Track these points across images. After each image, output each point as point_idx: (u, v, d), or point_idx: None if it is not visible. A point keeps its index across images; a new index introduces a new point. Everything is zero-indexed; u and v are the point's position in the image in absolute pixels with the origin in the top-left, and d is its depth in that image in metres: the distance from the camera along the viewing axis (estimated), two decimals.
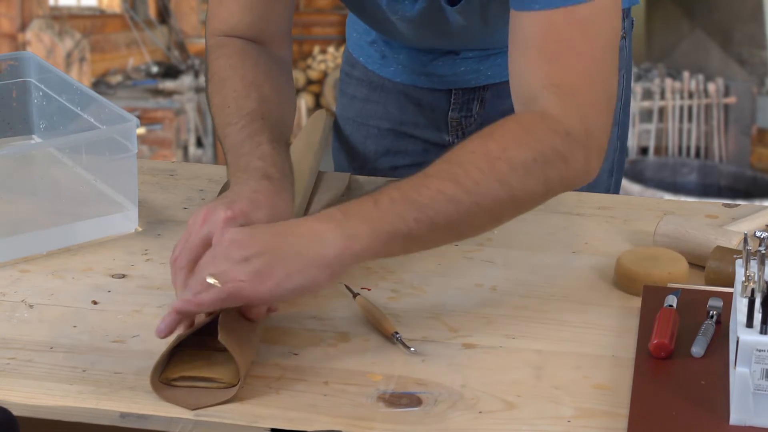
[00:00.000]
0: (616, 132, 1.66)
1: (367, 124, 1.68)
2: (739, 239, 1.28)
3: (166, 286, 1.27)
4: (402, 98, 1.65)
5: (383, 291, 1.26)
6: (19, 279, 1.29)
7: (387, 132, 1.67)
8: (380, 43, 1.63)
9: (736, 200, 5.77)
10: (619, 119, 1.66)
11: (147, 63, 7.64)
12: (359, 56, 1.67)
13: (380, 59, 1.64)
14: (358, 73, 1.69)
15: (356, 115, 1.69)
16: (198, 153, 7.28)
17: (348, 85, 1.71)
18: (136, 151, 1.37)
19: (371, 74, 1.67)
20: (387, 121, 1.67)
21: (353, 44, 1.68)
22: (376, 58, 1.65)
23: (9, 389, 1.08)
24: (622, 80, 1.64)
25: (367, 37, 1.64)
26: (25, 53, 1.59)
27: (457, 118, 1.64)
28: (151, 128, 6.85)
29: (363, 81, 1.68)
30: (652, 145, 7.05)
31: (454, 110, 1.63)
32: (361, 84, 1.68)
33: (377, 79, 1.66)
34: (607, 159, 1.64)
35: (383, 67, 1.64)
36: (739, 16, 7.11)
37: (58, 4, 7.56)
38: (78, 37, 7.12)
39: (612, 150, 1.67)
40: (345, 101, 1.72)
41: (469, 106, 1.63)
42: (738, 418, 0.99)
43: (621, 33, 1.59)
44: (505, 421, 1.03)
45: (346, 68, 1.72)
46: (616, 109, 1.62)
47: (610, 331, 1.17)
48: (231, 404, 1.05)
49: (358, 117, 1.69)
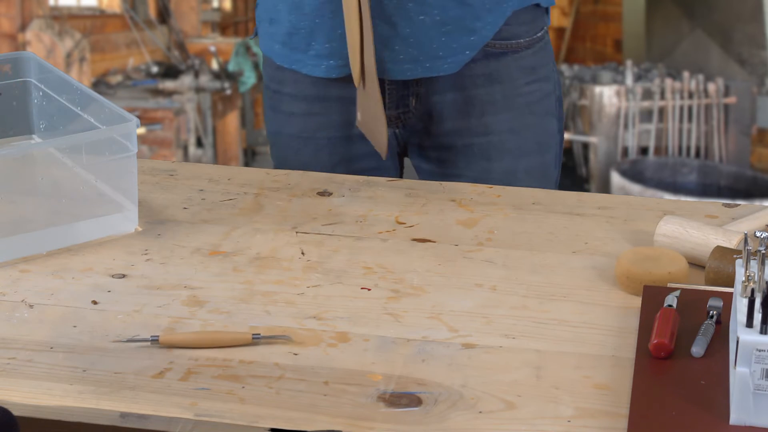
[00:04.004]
0: (557, 125, 1.68)
1: (315, 137, 1.68)
2: (739, 239, 1.28)
3: (166, 286, 1.27)
4: (341, 104, 1.65)
5: (383, 291, 1.26)
6: (19, 279, 1.29)
7: (338, 140, 1.67)
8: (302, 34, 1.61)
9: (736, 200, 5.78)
10: (557, 112, 1.68)
11: (147, 63, 7.65)
12: (290, 64, 1.65)
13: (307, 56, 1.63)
14: (290, 89, 1.68)
15: (300, 131, 1.69)
16: (198, 153, 7.29)
17: (281, 102, 1.70)
18: (136, 151, 1.37)
19: (304, 86, 1.66)
20: (336, 129, 1.67)
21: (278, 55, 1.67)
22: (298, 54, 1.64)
23: (9, 389, 1.08)
24: (552, 73, 1.67)
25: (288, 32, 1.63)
26: (25, 53, 1.59)
27: (395, 114, 1.64)
28: (151, 128, 6.86)
29: (297, 96, 1.67)
30: (652, 145, 7.06)
31: (390, 108, 1.63)
32: (296, 99, 1.68)
33: (312, 91, 1.66)
34: (550, 150, 1.67)
35: (315, 66, 1.63)
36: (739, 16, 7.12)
37: (58, 4, 7.57)
38: (78, 37, 7.13)
39: (555, 142, 1.69)
40: (282, 118, 1.71)
41: (405, 102, 1.63)
42: (738, 418, 0.99)
43: (545, 28, 1.64)
44: (505, 421, 1.03)
45: (274, 86, 1.70)
46: (552, 100, 1.66)
47: (610, 331, 1.17)
48: (231, 404, 1.05)
49: (302, 132, 1.69)
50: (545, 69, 1.67)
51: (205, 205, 1.49)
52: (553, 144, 1.69)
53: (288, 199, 1.50)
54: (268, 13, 1.66)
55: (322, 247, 1.36)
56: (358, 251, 1.35)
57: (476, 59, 1.60)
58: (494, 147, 1.63)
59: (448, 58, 1.58)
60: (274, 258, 1.34)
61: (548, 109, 1.67)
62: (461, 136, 1.64)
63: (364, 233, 1.40)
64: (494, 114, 1.63)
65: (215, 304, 1.23)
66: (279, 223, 1.43)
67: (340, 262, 1.32)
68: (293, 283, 1.27)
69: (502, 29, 1.60)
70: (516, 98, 1.64)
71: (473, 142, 1.64)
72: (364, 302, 1.23)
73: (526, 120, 1.65)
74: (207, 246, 1.37)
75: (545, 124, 1.67)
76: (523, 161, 1.65)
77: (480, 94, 1.62)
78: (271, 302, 1.23)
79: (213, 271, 1.30)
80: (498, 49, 1.61)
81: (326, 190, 1.53)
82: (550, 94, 1.68)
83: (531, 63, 1.65)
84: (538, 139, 1.67)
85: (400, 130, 1.67)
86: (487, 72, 1.62)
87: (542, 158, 1.68)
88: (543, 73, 1.66)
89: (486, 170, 1.64)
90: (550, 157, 1.69)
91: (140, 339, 1.15)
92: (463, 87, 1.62)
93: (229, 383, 1.08)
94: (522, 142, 1.65)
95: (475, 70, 1.61)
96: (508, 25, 1.60)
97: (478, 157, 1.64)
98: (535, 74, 1.65)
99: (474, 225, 1.42)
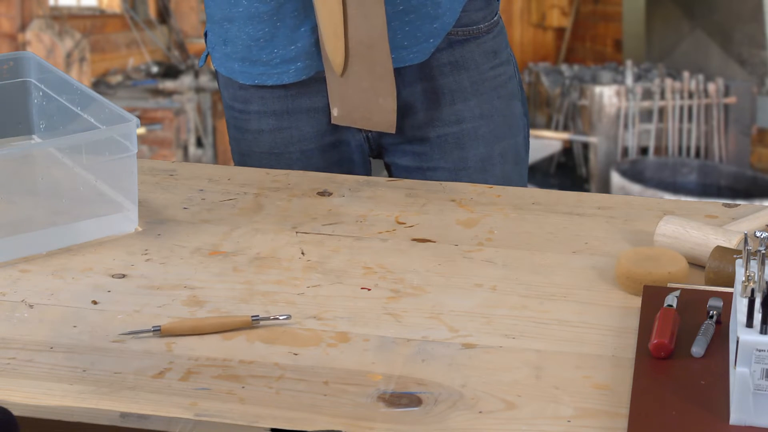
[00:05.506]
0: (521, 106, 1.71)
1: (287, 152, 1.67)
2: (739, 239, 1.28)
3: (166, 286, 1.27)
4: (310, 115, 1.65)
5: (383, 291, 1.26)
6: (19, 279, 1.29)
7: (312, 152, 1.67)
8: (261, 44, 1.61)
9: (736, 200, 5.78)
10: (520, 95, 1.71)
11: (147, 63, 7.65)
12: (253, 80, 1.64)
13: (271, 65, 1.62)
14: (256, 106, 1.67)
15: (271, 147, 1.68)
16: (198, 153, 7.28)
17: (248, 121, 1.69)
18: (136, 151, 1.37)
19: (270, 101, 1.65)
20: (308, 142, 1.67)
21: (239, 74, 1.65)
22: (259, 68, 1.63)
23: (9, 389, 1.08)
24: (511, 56, 1.68)
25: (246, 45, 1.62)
26: (25, 53, 1.59)
27: None
28: (151, 128, 6.85)
29: (266, 113, 1.66)
30: (652, 145, 7.05)
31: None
32: (265, 116, 1.67)
33: (279, 105, 1.65)
34: (519, 132, 1.68)
35: (282, 73, 1.62)
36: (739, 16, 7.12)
37: (58, 4, 7.57)
38: (78, 37, 7.13)
39: (523, 124, 1.72)
40: (250, 137, 1.69)
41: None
42: (738, 418, 0.99)
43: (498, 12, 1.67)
44: (505, 421, 1.03)
45: (238, 105, 1.69)
46: (515, 83, 1.66)
47: (610, 331, 1.17)
48: (231, 404, 1.05)
49: (273, 149, 1.68)
50: (505, 52, 1.69)
51: (205, 205, 1.49)
52: (522, 126, 1.72)
53: (288, 199, 1.50)
54: (219, 35, 1.65)
55: (322, 247, 1.36)
56: (358, 251, 1.35)
57: (441, 48, 1.61)
58: (467, 135, 1.65)
59: (414, 48, 1.59)
60: (274, 258, 1.34)
61: (513, 92, 1.70)
62: (434, 127, 1.65)
63: (364, 233, 1.40)
64: (464, 101, 1.64)
65: (215, 304, 1.23)
66: (279, 223, 1.43)
67: (340, 262, 1.32)
68: (293, 283, 1.27)
69: (462, 16, 1.61)
70: (483, 83, 1.65)
71: (447, 132, 1.65)
72: (364, 302, 1.23)
73: (494, 104, 1.66)
74: (207, 246, 1.37)
75: (512, 108, 1.69)
76: (497, 146, 1.67)
77: (448, 83, 1.63)
78: (271, 302, 1.23)
79: (213, 271, 1.30)
80: (461, 36, 1.63)
81: (326, 190, 1.53)
82: (512, 77, 1.70)
83: (492, 47, 1.66)
84: (507, 123, 1.68)
85: (371, 133, 1.67)
86: (453, 60, 1.63)
87: (514, 140, 1.69)
88: (504, 57, 1.68)
89: (462, 159, 1.65)
90: (520, 140, 1.71)
91: (142, 330, 1.16)
92: (431, 77, 1.63)
93: (229, 383, 1.08)
94: (494, 127, 1.66)
95: (441, 59, 1.62)
96: (466, 11, 1.62)
97: (453, 147, 1.65)
98: (498, 58, 1.67)
99: (474, 225, 1.42)
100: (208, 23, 1.68)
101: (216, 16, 1.64)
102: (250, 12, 1.59)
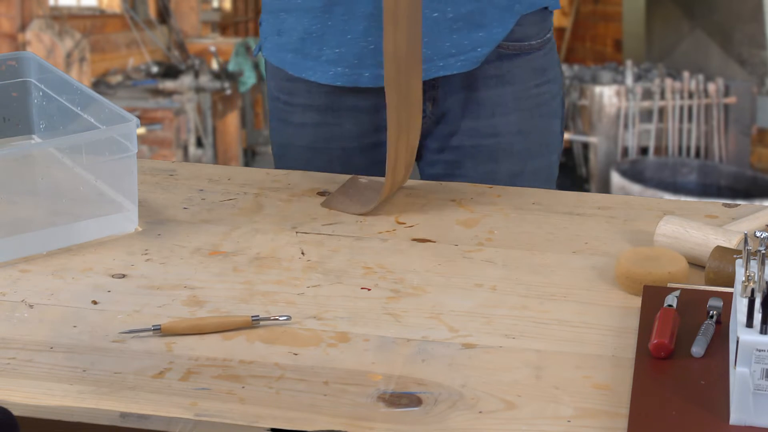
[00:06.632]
0: (560, 124, 1.70)
1: (328, 148, 1.67)
2: (739, 239, 1.28)
3: (166, 286, 1.27)
4: (354, 114, 1.65)
5: (383, 291, 1.26)
6: (19, 279, 1.29)
7: (352, 151, 1.67)
8: (314, 38, 1.61)
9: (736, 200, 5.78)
10: (560, 113, 1.69)
11: (147, 63, 7.65)
12: (301, 72, 1.64)
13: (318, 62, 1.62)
14: (302, 99, 1.66)
15: (312, 141, 1.68)
16: (198, 153, 7.29)
17: (291, 113, 1.69)
18: (136, 151, 1.37)
19: (316, 96, 1.65)
20: (350, 140, 1.66)
21: (291, 64, 1.65)
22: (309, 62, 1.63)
23: (9, 389, 1.08)
24: (559, 75, 1.67)
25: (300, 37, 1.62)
26: (25, 53, 1.59)
27: None
28: (151, 128, 6.85)
29: (311, 107, 1.66)
30: (652, 145, 7.06)
31: None
32: (309, 110, 1.67)
33: (324, 100, 1.65)
34: (554, 151, 1.68)
35: (324, 73, 1.62)
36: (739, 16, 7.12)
37: (58, 4, 7.57)
38: (78, 37, 7.13)
39: (558, 142, 1.71)
40: (292, 130, 1.69)
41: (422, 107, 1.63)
42: (738, 418, 0.99)
43: (551, 30, 1.65)
44: (505, 421, 1.03)
45: (284, 96, 1.69)
46: (558, 102, 1.67)
47: (610, 331, 1.17)
48: (231, 404, 1.05)
49: (314, 144, 1.68)
50: (553, 71, 1.68)
51: (205, 205, 1.49)
52: (556, 144, 1.71)
53: (288, 199, 1.50)
54: (274, 26, 1.65)
55: (322, 247, 1.36)
56: (358, 251, 1.35)
57: (489, 60, 1.60)
58: (502, 149, 1.63)
59: (461, 56, 1.58)
60: (274, 258, 1.34)
61: (554, 111, 1.69)
62: (470, 137, 1.64)
63: (364, 233, 1.40)
64: (503, 115, 1.63)
65: (215, 304, 1.23)
66: (279, 223, 1.43)
67: (340, 262, 1.32)
68: (293, 283, 1.27)
69: (514, 30, 1.60)
70: (526, 100, 1.64)
71: (481, 144, 1.63)
72: (364, 302, 1.23)
73: (533, 122, 1.65)
74: (207, 246, 1.37)
75: (550, 126, 1.68)
76: (530, 163, 1.66)
77: (491, 96, 1.62)
78: (271, 302, 1.23)
79: (213, 271, 1.30)
80: (511, 50, 1.61)
81: (326, 191, 1.53)
82: (556, 96, 1.69)
83: (541, 64, 1.65)
84: (543, 141, 1.67)
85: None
86: (499, 73, 1.62)
87: (547, 160, 1.69)
88: (551, 75, 1.67)
89: (492, 172, 1.64)
90: (554, 158, 1.70)
91: (143, 329, 1.16)
92: (475, 87, 1.62)
93: (229, 383, 1.08)
94: (529, 145, 1.65)
95: (487, 71, 1.61)
96: (520, 25, 1.60)
97: (485, 159, 1.64)
98: (545, 76, 1.66)
99: (474, 225, 1.42)
100: (264, 13, 1.68)
101: (272, 6, 1.64)
102: (306, 5, 1.59)
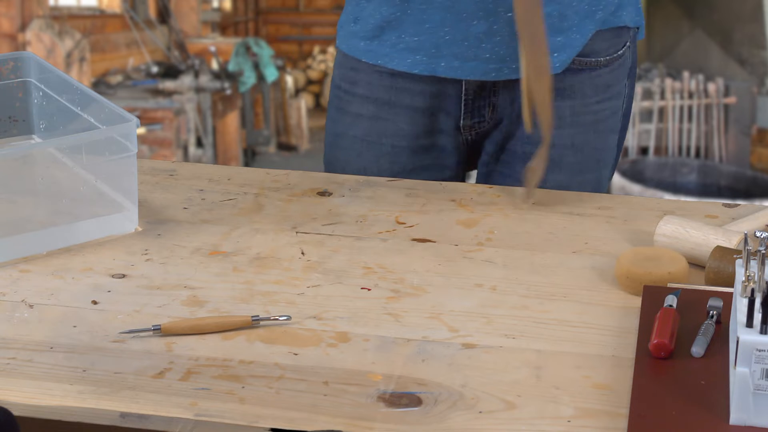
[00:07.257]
0: (618, 139, 1.67)
1: (380, 142, 1.66)
2: (739, 239, 1.28)
3: (166, 286, 1.27)
4: (410, 113, 1.64)
5: (383, 291, 1.26)
6: (19, 279, 1.29)
7: (402, 149, 1.66)
8: (393, 26, 1.60)
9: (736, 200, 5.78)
10: (623, 126, 1.67)
11: (147, 63, 7.66)
12: (376, 59, 1.63)
13: (396, 49, 1.61)
14: (362, 90, 1.66)
15: (365, 134, 1.67)
16: (198, 153, 7.29)
17: (350, 103, 1.68)
18: (136, 151, 1.37)
19: (377, 89, 1.64)
20: (401, 138, 1.65)
21: (363, 52, 1.64)
22: (386, 48, 1.62)
23: (9, 389, 1.08)
24: (624, 88, 1.65)
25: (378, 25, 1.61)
26: (25, 53, 1.59)
27: (470, 125, 1.63)
28: (151, 128, 6.86)
29: (369, 98, 1.66)
30: (652, 145, 7.06)
31: (465, 118, 1.63)
32: (367, 101, 1.66)
33: (384, 95, 1.64)
34: (607, 166, 1.66)
35: (401, 60, 1.61)
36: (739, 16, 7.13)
37: (58, 4, 7.57)
38: (78, 37, 7.13)
39: (612, 157, 1.68)
40: (348, 120, 1.68)
41: (481, 112, 1.62)
42: (738, 418, 0.99)
43: (628, 43, 1.61)
44: (505, 421, 1.03)
45: (345, 85, 1.68)
46: (619, 116, 1.64)
47: (610, 331, 1.17)
48: (231, 404, 1.05)
49: (367, 136, 1.67)
50: (619, 85, 1.65)
51: (205, 205, 1.49)
52: (610, 160, 1.67)
53: (288, 199, 1.50)
54: (352, 13, 1.65)
55: (322, 247, 1.36)
56: (358, 251, 1.35)
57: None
58: (552, 161, 1.58)
59: None
60: (274, 258, 1.34)
61: (611, 127, 1.65)
62: (522, 143, 1.62)
63: (364, 233, 1.40)
64: (558, 128, 1.59)
65: (215, 304, 1.23)
66: (279, 223, 1.43)
67: (340, 262, 1.32)
68: (293, 283, 1.27)
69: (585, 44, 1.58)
70: (584, 115, 1.62)
71: (533, 152, 1.59)
72: (364, 302, 1.23)
73: (588, 137, 1.62)
74: (207, 246, 1.37)
75: (606, 142, 1.65)
76: (578, 177, 1.63)
77: None
78: (271, 302, 1.23)
79: (213, 271, 1.30)
80: (575, 65, 1.59)
81: (326, 190, 1.53)
82: (617, 111, 1.65)
83: (606, 81, 1.62)
84: (597, 157, 1.64)
85: (471, 135, 1.66)
86: (561, 87, 1.59)
87: (597, 174, 1.65)
88: (616, 90, 1.64)
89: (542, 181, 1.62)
90: (605, 173, 1.67)
91: (143, 329, 1.16)
92: None
93: (229, 383, 1.08)
94: (581, 159, 1.63)
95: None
96: (590, 41, 1.58)
97: None
98: (608, 92, 1.63)
99: (474, 225, 1.42)
100: (346, 5, 1.67)
101: None
102: None
